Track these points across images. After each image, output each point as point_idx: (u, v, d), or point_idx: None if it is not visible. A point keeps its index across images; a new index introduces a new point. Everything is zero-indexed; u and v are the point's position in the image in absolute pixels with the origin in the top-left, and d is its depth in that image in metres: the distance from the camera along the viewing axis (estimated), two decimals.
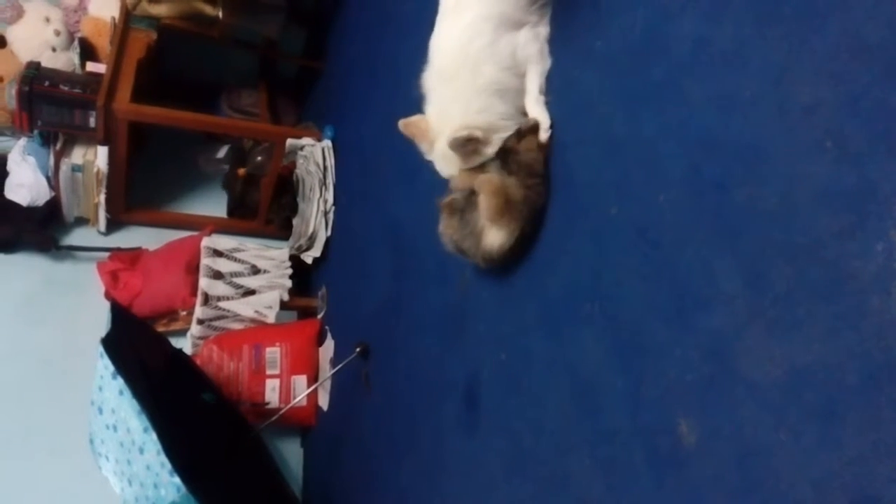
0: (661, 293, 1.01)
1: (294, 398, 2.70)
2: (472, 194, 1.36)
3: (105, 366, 1.87)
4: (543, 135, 1.33)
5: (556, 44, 1.35)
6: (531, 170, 1.32)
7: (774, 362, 0.81)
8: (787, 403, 0.78)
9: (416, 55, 1.46)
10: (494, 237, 1.33)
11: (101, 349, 1.90)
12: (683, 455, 0.92)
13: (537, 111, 1.35)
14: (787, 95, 0.83)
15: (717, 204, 0.92)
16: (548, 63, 1.35)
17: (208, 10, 2.91)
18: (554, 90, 1.35)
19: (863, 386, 0.71)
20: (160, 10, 2.96)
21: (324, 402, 2.71)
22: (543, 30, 1.35)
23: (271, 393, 2.70)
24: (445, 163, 1.42)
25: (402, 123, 1.45)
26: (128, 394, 1.81)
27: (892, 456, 0.68)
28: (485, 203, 1.30)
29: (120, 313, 2.26)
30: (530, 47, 1.34)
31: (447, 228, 1.44)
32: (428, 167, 1.51)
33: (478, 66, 1.32)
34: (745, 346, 0.85)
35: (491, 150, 1.35)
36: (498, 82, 1.32)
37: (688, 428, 0.92)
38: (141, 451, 1.77)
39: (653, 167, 1.06)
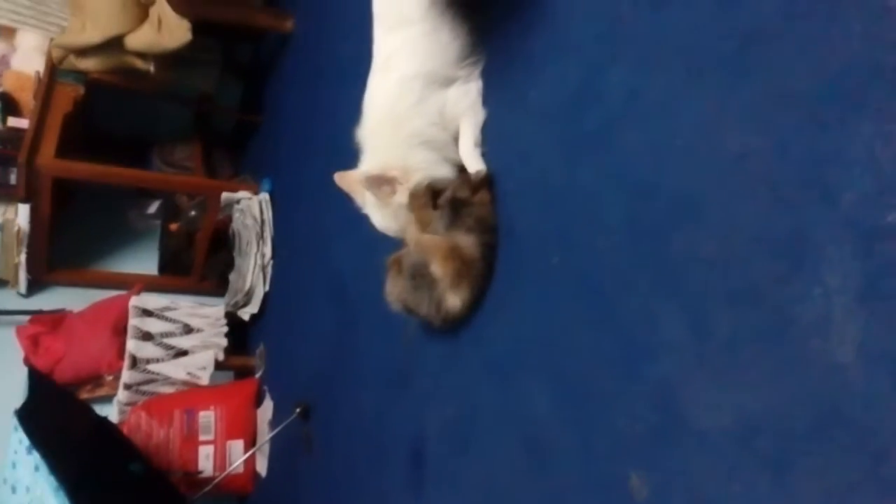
0: (606, 342, 1.00)
1: (230, 465, 2.56)
2: (418, 268, 1.32)
3: (19, 439, 1.73)
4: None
5: (490, 94, 1.36)
6: (486, 224, 1.30)
7: (722, 410, 0.80)
8: (738, 452, 0.77)
9: (353, 107, 1.46)
10: (455, 299, 1.29)
11: (14, 421, 1.75)
12: None
13: (473, 162, 1.35)
14: (718, 143, 0.85)
15: (656, 251, 0.92)
16: (481, 115, 1.36)
17: (140, 63, 2.84)
18: (490, 141, 1.35)
19: (811, 432, 0.70)
20: (88, 63, 2.88)
21: (262, 467, 2.58)
22: (475, 84, 1.37)
23: (205, 460, 2.55)
24: (376, 213, 1.41)
25: (338, 176, 1.46)
26: (44, 469, 1.66)
27: (844, 502, 0.67)
28: (440, 271, 1.27)
29: (39, 381, 2.12)
30: (462, 103, 1.35)
31: (394, 288, 1.38)
32: (366, 218, 1.49)
33: (402, 120, 1.33)
34: (693, 393, 0.84)
35: (402, 195, 1.35)
36: (422, 134, 1.34)
37: (639, 481, 0.89)
38: None
39: (592, 215, 1.06)
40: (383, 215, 1.40)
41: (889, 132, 0.66)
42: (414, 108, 1.32)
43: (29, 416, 1.78)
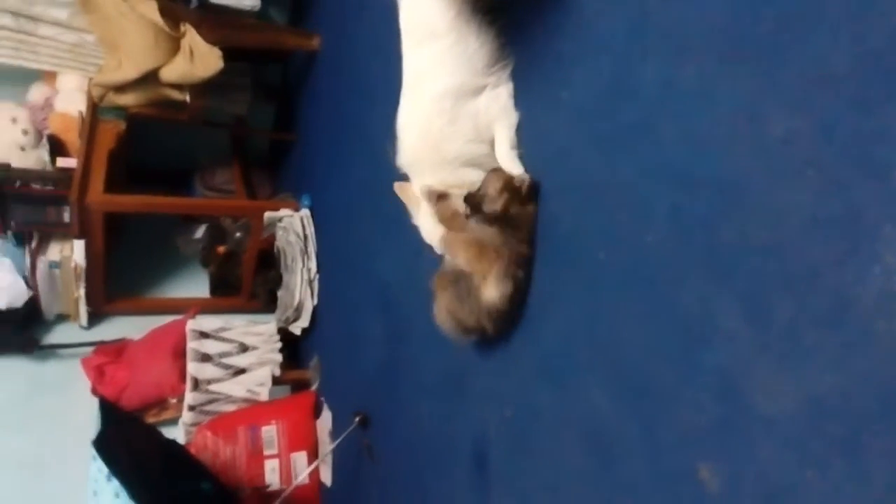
0: (661, 334, 1.00)
1: (296, 477, 2.62)
2: (458, 278, 1.35)
3: (99, 468, 1.80)
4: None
5: (523, 96, 1.37)
6: (516, 226, 1.31)
7: (789, 396, 0.79)
8: (809, 437, 0.77)
9: (385, 117, 1.48)
10: (492, 289, 1.31)
11: (93, 451, 1.83)
12: (709, 502, 0.89)
13: (510, 164, 1.36)
14: (760, 128, 0.84)
15: (706, 241, 0.92)
16: (514, 118, 1.37)
17: (175, 94, 2.92)
18: (526, 143, 1.36)
19: (882, 412, 0.69)
20: (127, 99, 2.97)
21: (327, 478, 2.63)
22: (504, 88, 1.38)
23: (271, 474, 2.62)
24: (429, 225, 1.43)
25: (397, 186, 1.50)
26: (124, 496, 1.73)
27: None
28: (463, 258, 1.29)
29: (109, 410, 2.20)
30: (493, 108, 1.36)
31: (441, 302, 1.40)
32: (409, 228, 1.51)
33: (441, 143, 1.36)
34: (756, 381, 0.84)
35: (449, 208, 1.38)
36: (462, 155, 1.36)
37: (709, 473, 0.89)
38: None
39: (636, 209, 1.06)
40: (434, 227, 1.42)
41: None
42: (448, 130, 1.34)
43: (105, 445, 1.85)
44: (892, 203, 0.68)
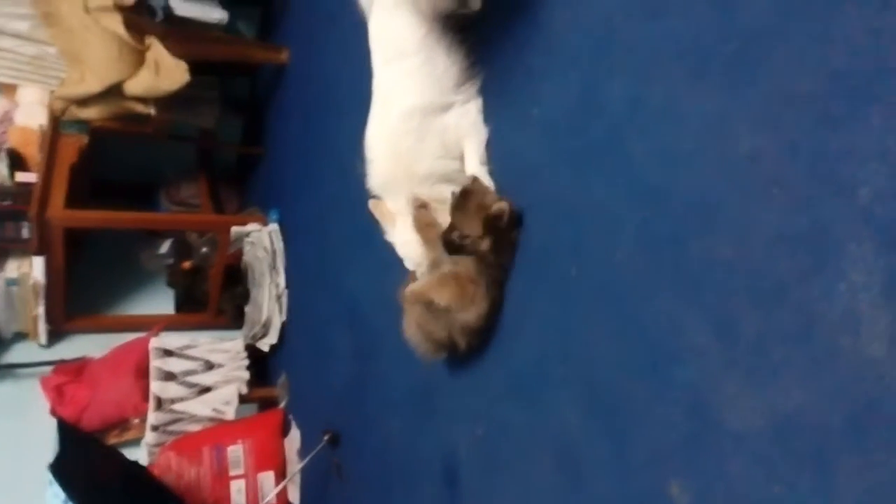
0: (632, 351, 1.00)
1: (263, 498, 2.56)
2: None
3: (55, 493, 1.74)
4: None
5: (492, 112, 1.37)
6: (488, 262, 1.30)
7: (757, 412, 0.80)
8: (777, 453, 0.77)
9: (354, 133, 1.48)
10: (467, 315, 1.30)
11: (49, 476, 1.76)
12: None
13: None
14: (727, 146, 0.85)
15: (675, 257, 0.93)
16: (484, 134, 1.37)
17: (140, 108, 2.87)
18: (496, 158, 1.36)
19: (849, 429, 0.70)
20: (90, 112, 2.91)
21: (295, 498, 2.57)
22: (473, 104, 1.38)
23: (238, 495, 2.55)
24: (404, 240, 1.42)
25: (372, 204, 1.48)
26: None
27: (888, 500, 0.66)
28: (445, 300, 1.27)
29: (68, 432, 2.12)
30: (462, 125, 1.36)
31: (412, 315, 1.39)
32: (380, 242, 1.50)
33: (412, 162, 1.36)
34: (725, 397, 0.84)
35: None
36: (434, 172, 1.36)
37: (679, 489, 0.89)
38: None
39: (606, 225, 1.07)
40: (415, 244, 1.41)
41: None
42: (416, 148, 1.34)
43: (62, 469, 1.79)
44: (857, 221, 0.69)
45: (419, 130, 1.33)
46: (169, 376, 2.68)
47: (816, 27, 0.74)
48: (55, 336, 3.06)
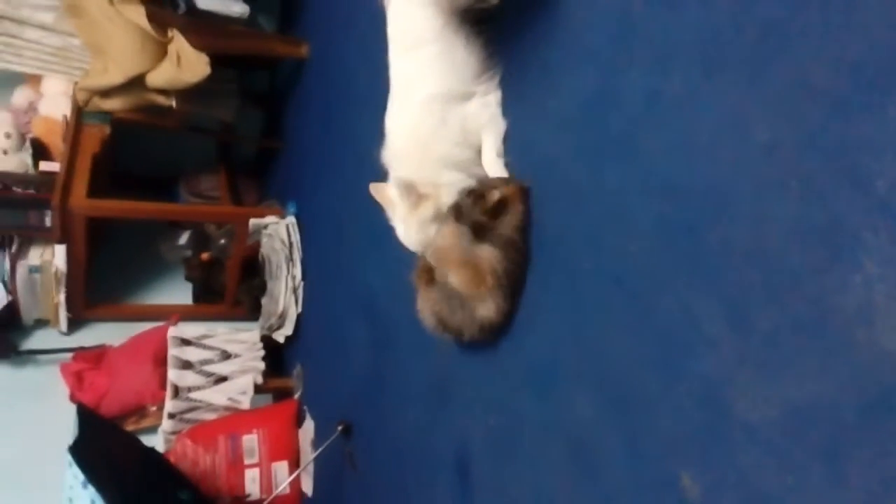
0: (645, 343, 1.00)
1: (276, 487, 2.59)
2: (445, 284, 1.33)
3: (74, 475, 1.77)
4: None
5: (510, 104, 1.38)
6: (512, 244, 1.30)
7: (770, 403, 0.80)
8: (789, 445, 0.77)
9: (372, 126, 1.48)
10: (487, 310, 1.30)
11: (69, 457, 1.80)
12: None
13: (496, 172, 1.36)
14: (744, 137, 0.85)
15: (690, 249, 0.93)
16: (502, 126, 1.38)
17: (161, 100, 2.90)
18: (513, 151, 1.37)
19: (862, 420, 0.70)
20: (112, 104, 2.95)
21: (308, 487, 2.60)
22: (493, 96, 1.38)
23: (252, 484, 2.58)
24: (401, 225, 1.42)
25: (372, 187, 1.48)
26: (100, 503, 1.70)
27: None
28: (456, 280, 1.28)
29: (87, 416, 2.16)
30: (482, 116, 1.36)
31: (427, 302, 1.39)
32: (395, 233, 1.51)
33: (429, 143, 1.36)
34: (738, 389, 0.84)
35: (429, 209, 1.37)
36: (449, 157, 1.36)
37: (691, 480, 0.89)
38: None
39: (621, 218, 1.07)
40: (407, 226, 1.41)
41: None
42: (437, 131, 1.34)
43: (81, 452, 1.82)
44: (874, 212, 0.69)
45: (441, 114, 1.34)
46: (186, 365, 2.72)
47: (833, 17, 0.74)
48: (75, 323, 3.12)
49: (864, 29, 0.71)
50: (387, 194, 1.45)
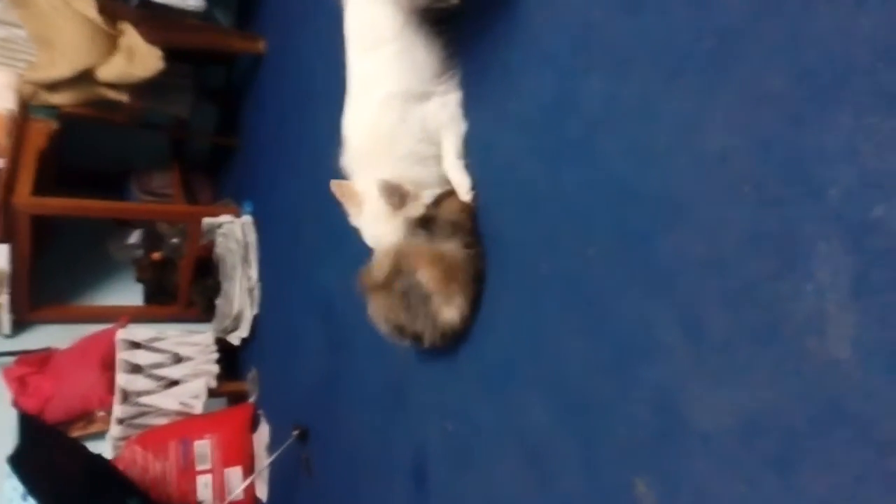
0: (600, 349, 1.00)
1: (229, 493, 2.53)
2: (408, 283, 1.31)
3: (13, 486, 1.69)
4: (466, 197, 1.32)
5: (471, 106, 1.36)
6: (463, 229, 1.30)
7: (724, 411, 0.80)
8: (743, 453, 0.77)
9: (330, 125, 1.45)
10: (451, 310, 1.28)
11: (7, 468, 1.72)
12: None
13: (456, 174, 1.35)
14: (699, 145, 0.85)
15: (645, 255, 0.92)
16: (462, 127, 1.36)
17: (112, 94, 2.81)
18: (473, 152, 1.35)
19: (813, 429, 0.70)
20: (60, 98, 2.84)
21: (262, 493, 2.55)
22: (453, 97, 1.37)
23: (204, 490, 2.52)
24: (375, 223, 1.38)
25: (335, 185, 1.43)
26: None
27: (852, 498, 0.67)
28: (427, 276, 1.26)
29: (29, 423, 2.08)
30: (441, 116, 1.35)
31: (381, 310, 1.37)
32: (355, 236, 1.48)
33: (392, 141, 1.33)
34: (692, 396, 0.84)
35: (417, 208, 1.34)
36: (416, 153, 1.33)
37: (646, 487, 0.89)
38: None
39: (578, 222, 1.06)
40: (390, 226, 1.37)
41: (869, 125, 0.66)
42: (397, 128, 1.32)
43: (22, 462, 1.74)
44: (827, 221, 0.70)
45: (400, 112, 1.31)
46: (136, 369, 2.64)
47: (789, 27, 0.74)
48: (19, 326, 3.00)
49: (818, 38, 0.71)
50: (350, 191, 1.41)
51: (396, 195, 1.32)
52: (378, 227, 1.39)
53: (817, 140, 0.70)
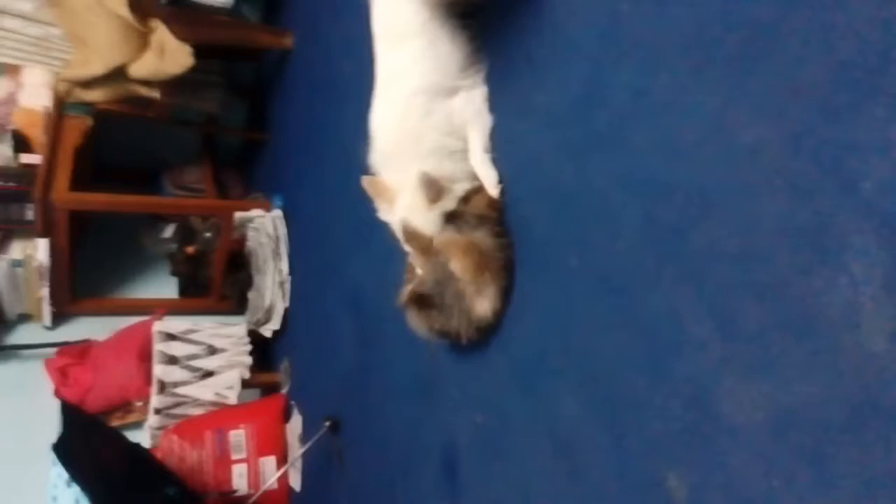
0: (632, 342, 1.00)
1: (264, 482, 2.58)
2: (440, 283, 1.32)
3: (59, 473, 1.75)
4: (493, 191, 1.33)
5: (497, 101, 1.36)
6: (490, 220, 1.31)
7: (756, 405, 0.79)
8: (775, 447, 0.77)
9: (358, 118, 1.47)
10: (484, 303, 1.29)
11: (53, 456, 1.78)
12: None
13: (483, 169, 1.35)
14: (730, 137, 0.84)
15: (676, 248, 0.92)
16: (488, 122, 1.36)
17: (144, 91, 2.86)
18: (500, 147, 1.35)
19: (848, 423, 0.70)
20: (94, 95, 2.90)
21: (296, 482, 2.59)
22: (479, 91, 1.37)
23: (239, 479, 2.57)
24: (410, 214, 1.39)
25: (366, 181, 1.44)
26: (85, 502, 1.69)
27: (887, 494, 0.66)
28: (460, 265, 1.27)
29: (71, 413, 2.14)
30: (467, 111, 1.35)
31: (423, 322, 1.38)
32: (384, 229, 1.49)
33: (419, 136, 1.33)
34: (725, 390, 0.84)
35: (452, 201, 1.35)
36: (443, 147, 1.34)
37: (677, 481, 0.89)
38: None
39: (607, 216, 1.06)
40: (424, 220, 1.36)
41: None
42: (423, 123, 1.32)
43: (65, 450, 1.80)
44: (860, 213, 0.69)
45: (426, 107, 1.32)
46: (172, 360, 2.70)
47: (822, 17, 0.73)
48: (59, 318, 3.08)
49: (852, 30, 0.70)
50: (382, 188, 1.42)
51: (434, 188, 1.33)
52: (414, 219, 1.39)
53: (850, 133, 0.69)
